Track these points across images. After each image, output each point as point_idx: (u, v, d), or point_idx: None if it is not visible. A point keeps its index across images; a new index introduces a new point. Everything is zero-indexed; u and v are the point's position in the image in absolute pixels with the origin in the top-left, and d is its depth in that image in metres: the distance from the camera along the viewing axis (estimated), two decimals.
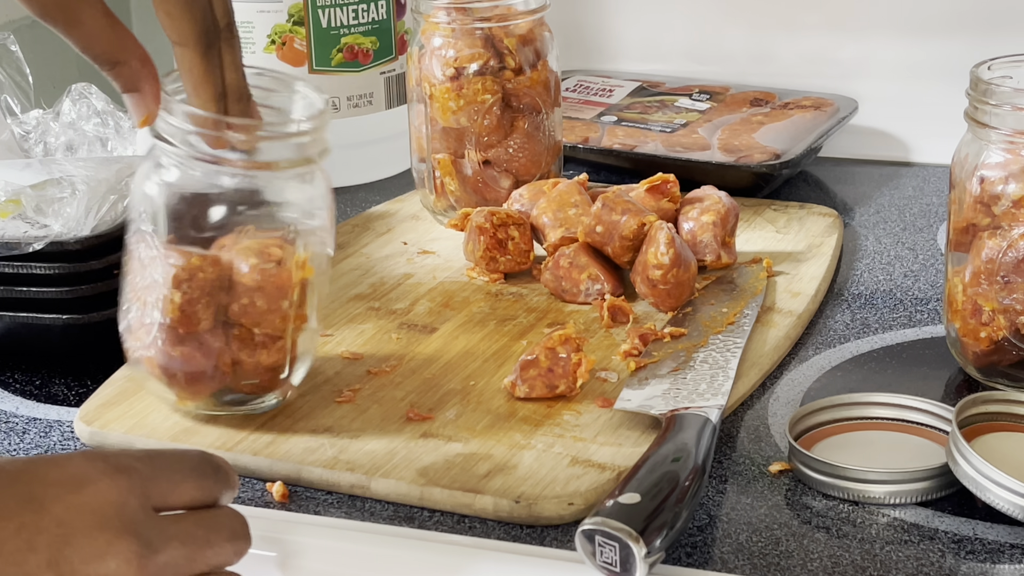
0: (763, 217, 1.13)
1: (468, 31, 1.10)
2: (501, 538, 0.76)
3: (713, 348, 0.91)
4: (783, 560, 0.73)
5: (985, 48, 0.99)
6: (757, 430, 0.85)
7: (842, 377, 0.91)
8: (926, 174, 1.26)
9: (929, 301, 1.00)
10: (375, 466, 0.80)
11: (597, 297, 0.98)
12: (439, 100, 1.10)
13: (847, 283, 1.04)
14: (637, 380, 0.88)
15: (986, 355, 0.87)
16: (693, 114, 1.27)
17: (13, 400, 0.92)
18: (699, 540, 0.75)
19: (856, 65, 1.32)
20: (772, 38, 1.34)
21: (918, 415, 0.83)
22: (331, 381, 0.90)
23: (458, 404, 0.87)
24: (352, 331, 0.97)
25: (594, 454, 0.81)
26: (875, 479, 0.77)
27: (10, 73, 1.11)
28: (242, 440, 0.83)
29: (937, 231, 1.13)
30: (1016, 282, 0.85)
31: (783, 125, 1.24)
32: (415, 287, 1.03)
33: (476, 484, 0.78)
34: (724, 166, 1.17)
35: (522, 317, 0.98)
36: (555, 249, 1.01)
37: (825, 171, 1.26)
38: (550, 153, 1.13)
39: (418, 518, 0.78)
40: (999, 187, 0.85)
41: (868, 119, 1.30)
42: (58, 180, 0.96)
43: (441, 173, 1.12)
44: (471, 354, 0.93)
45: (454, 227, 1.08)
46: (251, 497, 0.80)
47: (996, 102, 0.84)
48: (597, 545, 0.69)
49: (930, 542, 0.74)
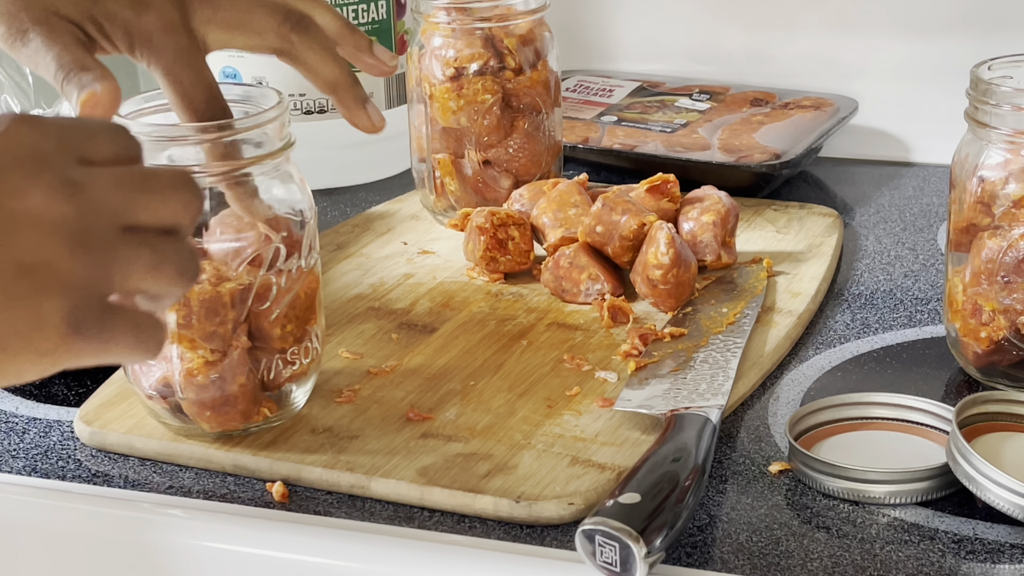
0: (763, 217, 1.13)
1: (468, 31, 1.10)
2: (501, 538, 0.76)
3: (713, 348, 0.91)
4: (783, 560, 0.73)
5: (985, 48, 0.99)
6: (757, 430, 0.85)
7: (842, 377, 0.91)
8: (926, 174, 1.26)
9: (929, 301, 1.00)
10: (375, 466, 0.80)
11: (597, 297, 0.98)
12: (439, 100, 1.10)
13: (847, 283, 1.04)
14: (637, 380, 0.88)
15: (986, 355, 0.87)
16: (693, 114, 1.27)
17: (13, 400, 0.92)
18: (699, 540, 0.75)
19: (856, 65, 1.32)
20: (772, 38, 1.34)
21: (918, 415, 0.83)
22: (331, 381, 0.90)
23: (458, 404, 0.87)
24: (352, 331, 0.97)
25: (594, 454, 0.81)
26: (875, 479, 0.77)
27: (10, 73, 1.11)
28: (242, 440, 0.83)
29: (937, 231, 1.13)
30: (1016, 282, 0.85)
31: (783, 125, 1.24)
32: (415, 287, 1.03)
33: (476, 484, 0.78)
34: (724, 166, 1.17)
35: (522, 317, 0.98)
36: (555, 249, 1.01)
37: (825, 171, 1.26)
38: (550, 153, 1.13)
39: (418, 518, 0.78)
40: (999, 187, 0.85)
41: (868, 119, 1.30)
42: None
43: (441, 173, 1.12)
44: (471, 354, 0.93)
45: (454, 227, 1.08)
46: (251, 497, 0.80)
47: (996, 102, 0.84)
48: (597, 545, 0.69)
49: (930, 542, 0.74)
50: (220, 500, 0.80)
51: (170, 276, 0.59)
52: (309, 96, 1.22)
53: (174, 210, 0.60)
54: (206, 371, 0.80)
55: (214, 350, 0.80)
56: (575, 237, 1.01)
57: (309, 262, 0.83)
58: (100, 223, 0.58)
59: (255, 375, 0.82)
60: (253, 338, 0.82)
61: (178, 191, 0.60)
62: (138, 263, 0.59)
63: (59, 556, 0.81)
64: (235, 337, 0.81)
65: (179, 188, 0.60)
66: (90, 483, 0.82)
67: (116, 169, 0.59)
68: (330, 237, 1.12)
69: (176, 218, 0.60)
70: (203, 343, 0.80)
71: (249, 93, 0.85)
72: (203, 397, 0.81)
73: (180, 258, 0.60)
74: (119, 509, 0.80)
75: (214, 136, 0.79)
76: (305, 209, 0.83)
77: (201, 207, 0.61)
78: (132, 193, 0.59)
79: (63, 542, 0.80)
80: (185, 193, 0.60)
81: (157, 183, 0.60)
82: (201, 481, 0.82)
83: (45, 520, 0.81)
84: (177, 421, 0.83)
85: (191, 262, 0.60)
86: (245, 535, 0.77)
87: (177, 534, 0.78)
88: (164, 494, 0.81)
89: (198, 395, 0.81)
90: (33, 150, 0.58)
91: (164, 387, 0.82)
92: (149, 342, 0.60)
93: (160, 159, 0.80)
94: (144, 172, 0.60)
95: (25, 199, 0.57)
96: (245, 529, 0.78)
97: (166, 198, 0.60)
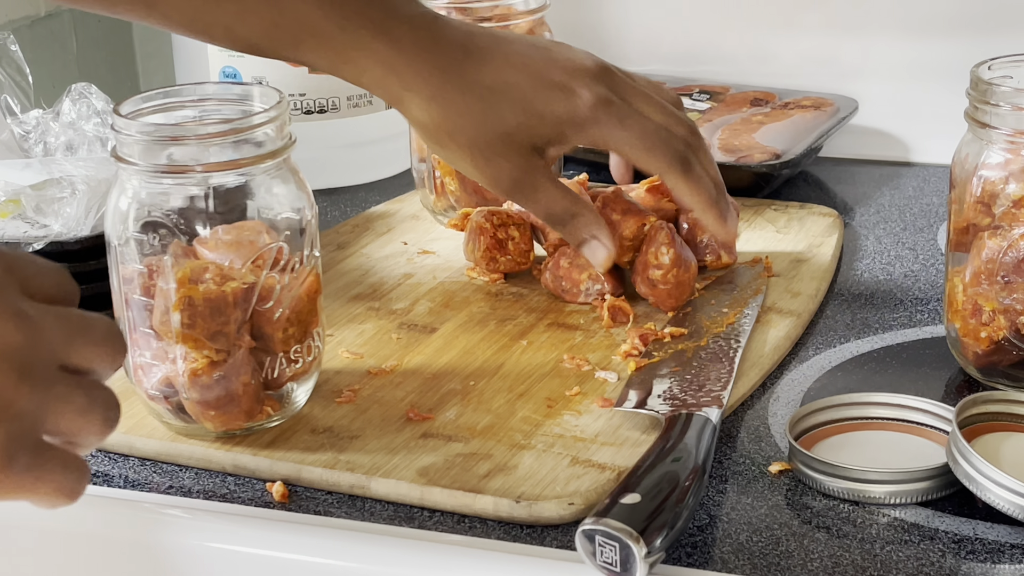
0: (763, 217, 1.13)
1: None
2: (501, 538, 0.76)
3: (713, 348, 0.91)
4: (783, 560, 0.73)
5: (985, 48, 0.99)
6: (757, 430, 0.85)
7: (842, 377, 0.91)
8: (926, 174, 1.26)
9: (929, 301, 1.00)
10: (375, 466, 0.80)
11: (597, 297, 0.98)
12: None
13: (847, 283, 1.04)
14: (637, 380, 0.88)
15: (986, 355, 0.87)
16: (693, 114, 1.27)
17: None
18: (699, 540, 0.75)
19: (856, 65, 1.32)
20: (772, 38, 1.34)
21: (918, 415, 0.83)
22: (331, 381, 0.90)
23: (458, 404, 0.87)
24: (352, 331, 0.97)
25: (594, 454, 0.81)
26: (875, 479, 0.77)
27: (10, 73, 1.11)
28: (242, 440, 0.83)
29: (937, 231, 1.13)
30: (1016, 282, 0.85)
31: (783, 125, 1.24)
32: (415, 287, 1.03)
33: (476, 484, 0.78)
34: (724, 166, 1.17)
35: (522, 317, 0.98)
36: (555, 249, 1.01)
37: (825, 171, 1.26)
38: None
39: (418, 518, 0.78)
40: (999, 187, 0.85)
41: (868, 119, 1.30)
42: (58, 180, 0.96)
43: (441, 173, 1.12)
44: (471, 354, 0.93)
45: (454, 227, 1.08)
46: (251, 497, 0.80)
47: (996, 102, 0.84)
48: (597, 545, 0.69)
49: (930, 542, 0.74)
50: (220, 500, 0.80)
51: (96, 422, 0.60)
52: (309, 96, 1.22)
53: (103, 358, 0.61)
54: (210, 371, 0.80)
55: (219, 350, 0.80)
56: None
57: (310, 262, 0.83)
58: (43, 357, 0.58)
59: (258, 374, 0.82)
60: (255, 338, 0.82)
61: (109, 340, 0.61)
62: (71, 404, 0.59)
63: (59, 556, 0.81)
64: (239, 337, 0.81)
65: (111, 338, 0.61)
66: (90, 483, 0.82)
67: (59, 308, 0.60)
68: (330, 237, 1.12)
69: (103, 366, 0.61)
70: (208, 343, 0.80)
71: (249, 93, 0.85)
72: (207, 397, 0.81)
73: (107, 405, 0.61)
74: (119, 509, 0.80)
75: (214, 136, 0.79)
76: (305, 209, 0.83)
77: (123, 361, 0.62)
78: (72, 334, 0.60)
79: (63, 542, 0.80)
80: (117, 343, 0.62)
81: (92, 329, 0.61)
82: (201, 481, 0.82)
83: (45, 520, 0.81)
84: (179, 421, 0.83)
85: (115, 411, 0.61)
86: (245, 535, 0.77)
87: (177, 534, 0.78)
88: (164, 494, 0.81)
89: (202, 395, 0.81)
90: None
91: (167, 387, 0.82)
92: (75, 484, 0.60)
93: (160, 159, 0.80)
94: (82, 316, 0.61)
95: None
96: (245, 529, 0.78)
97: (99, 345, 0.61)
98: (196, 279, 0.79)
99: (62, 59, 1.36)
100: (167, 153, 0.80)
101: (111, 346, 0.61)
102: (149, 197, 0.80)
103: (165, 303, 0.79)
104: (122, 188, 0.81)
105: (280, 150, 0.82)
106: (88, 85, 1.08)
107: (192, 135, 0.80)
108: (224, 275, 0.80)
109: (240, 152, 0.80)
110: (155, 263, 0.80)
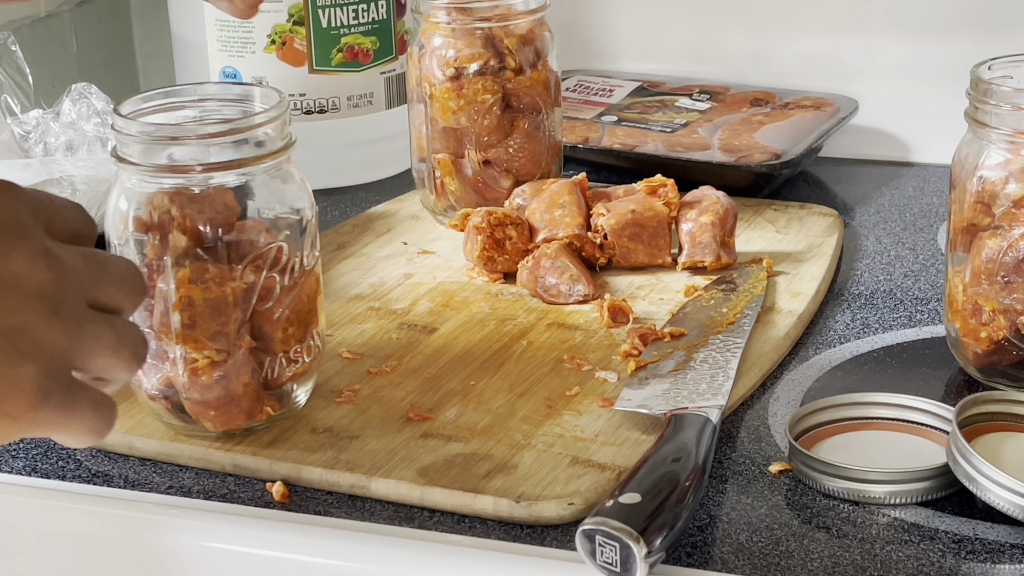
0: (763, 217, 1.13)
1: (468, 31, 1.10)
2: (501, 538, 0.76)
3: (713, 348, 0.91)
4: (783, 560, 0.73)
5: (985, 48, 0.99)
6: (757, 430, 0.85)
7: (842, 377, 0.91)
8: (926, 174, 1.26)
9: (929, 301, 1.00)
10: (375, 466, 0.80)
11: (579, 299, 0.99)
12: (439, 100, 1.10)
13: (847, 283, 1.04)
14: (637, 380, 0.88)
15: (986, 355, 0.87)
16: (693, 114, 1.27)
17: None
18: (699, 540, 0.75)
19: (856, 65, 1.32)
20: (772, 38, 1.34)
21: (918, 415, 0.83)
22: (331, 381, 0.90)
23: (458, 404, 0.87)
24: (352, 331, 0.97)
25: (594, 454, 0.81)
26: (875, 479, 0.77)
27: (10, 73, 1.11)
28: (242, 440, 0.83)
29: (937, 231, 1.13)
30: (1016, 282, 0.85)
31: (783, 125, 1.24)
32: (415, 287, 1.03)
33: (476, 484, 0.78)
34: (724, 166, 1.17)
35: (522, 317, 0.98)
36: (535, 249, 1.02)
37: (825, 171, 1.27)
38: (550, 153, 1.13)
39: (418, 518, 0.78)
40: (999, 187, 0.85)
41: (868, 119, 1.30)
42: (58, 180, 0.96)
43: (441, 173, 1.12)
44: (471, 354, 0.93)
45: (454, 227, 1.08)
46: (251, 497, 0.80)
47: (996, 102, 0.84)
48: (597, 545, 0.69)
49: (930, 542, 0.74)
50: (220, 500, 0.80)
51: (126, 358, 0.61)
52: (309, 96, 1.22)
53: (126, 295, 0.62)
54: (210, 371, 0.80)
55: (219, 350, 0.80)
56: (555, 238, 1.02)
57: (310, 261, 0.83)
58: (73, 296, 0.59)
59: (258, 374, 0.82)
60: (255, 338, 0.82)
61: (132, 278, 0.62)
62: (102, 341, 0.60)
63: (59, 556, 0.81)
64: (239, 337, 0.81)
65: (133, 276, 0.62)
66: (90, 483, 0.82)
67: (83, 248, 0.61)
68: (330, 237, 1.12)
69: (126, 303, 0.62)
70: (208, 343, 0.80)
71: (249, 93, 0.85)
72: (207, 397, 0.81)
73: (136, 341, 0.61)
74: (119, 509, 0.80)
75: (214, 136, 0.79)
76: (305, 209, 0.83)
77: (144, 299, 0.63)
78: (98, 273, 0.61)
79: (63, 542, 0.80)
80: (138, 282, 0.63)
81: (114, 267, 0.62)
82: (201, 481, 0.82)
83: (45, 520, 0.81)
84: (179, 421, 0.83)
85: (143, 347, 0.62)
86: (245, 535, 0.77)
87: (177, 534, 0.78)
88: (164, 494, 0.81)
89: (202, 395, 0.81)
90: (13, 216, 0.59)
91: (167, 387, 0.82)
92: (104, 423, 0.60)
93: (160, 159, 0.80)
94: (104, 255, 0.62)
95: (8, 262, 0.58)
96: (245, 529, 0.78)
97: (123, 282, 0.62)
98: (196, 279, 0.79)
99: (62, 59, 1.36)
100: (167, 153, 0.80)
101: (133, 284, 0.62)
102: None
103: (165, 303, 0.79)
104: (122, 188, 0.81)
105: (280, 150, 0.82)
106: (88, 85, 1.08)
107: (192, 135, 0.80)
108: (224, 275, 0.80)
109: (240, 152, 0.80)
110: (155, 263, 0.80)
